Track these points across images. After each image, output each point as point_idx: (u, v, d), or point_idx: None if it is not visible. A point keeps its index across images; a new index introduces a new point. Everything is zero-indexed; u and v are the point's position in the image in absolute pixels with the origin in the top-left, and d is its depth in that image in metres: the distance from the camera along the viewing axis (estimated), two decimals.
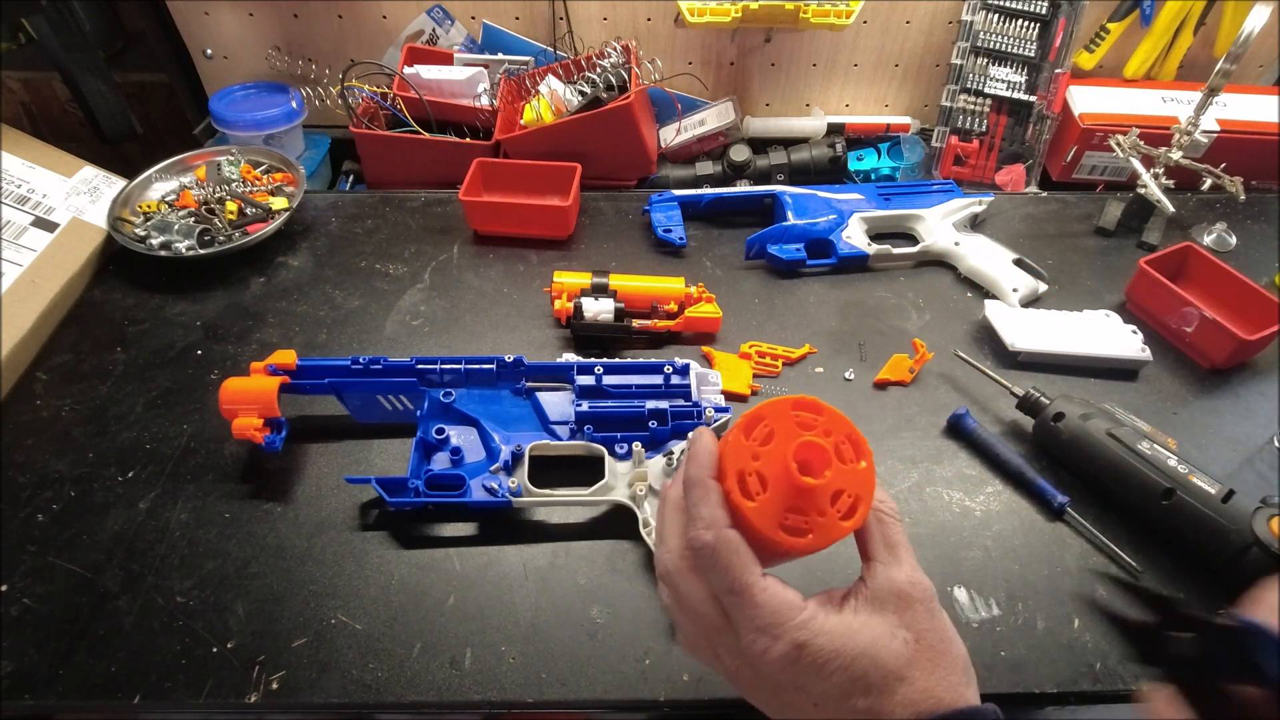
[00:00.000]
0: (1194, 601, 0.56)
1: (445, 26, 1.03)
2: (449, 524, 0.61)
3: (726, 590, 0.34)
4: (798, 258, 0.83)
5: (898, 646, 0.34)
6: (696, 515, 0.36)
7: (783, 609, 0.34)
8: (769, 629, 0.33)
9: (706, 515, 0.35)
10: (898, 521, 0.38)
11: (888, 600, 0.35)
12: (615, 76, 0.93)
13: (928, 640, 0.35)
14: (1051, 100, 0.98)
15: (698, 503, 0.36)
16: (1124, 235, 0.91)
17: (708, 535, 0.35)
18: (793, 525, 0.35)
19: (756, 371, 0.73)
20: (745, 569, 0.34)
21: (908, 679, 0.33)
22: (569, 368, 0.66)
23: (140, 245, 0.80)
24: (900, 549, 0.37)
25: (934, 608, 0.36)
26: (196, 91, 1.07)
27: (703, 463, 0.37)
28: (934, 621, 0.35)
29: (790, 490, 0.35)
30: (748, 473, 0.36)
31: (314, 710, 0.51)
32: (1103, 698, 0.52)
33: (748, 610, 0.34)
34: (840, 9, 0.93)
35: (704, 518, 0.35)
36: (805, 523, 0.35)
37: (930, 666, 0.34)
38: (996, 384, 0.68)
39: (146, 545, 0.58)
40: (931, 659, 0.34)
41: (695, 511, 0.36)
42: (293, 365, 0.64)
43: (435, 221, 0.90)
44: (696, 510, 0.36)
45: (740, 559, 0.34)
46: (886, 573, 0.36)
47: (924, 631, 0.35)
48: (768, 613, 0.34)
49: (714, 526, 0.35)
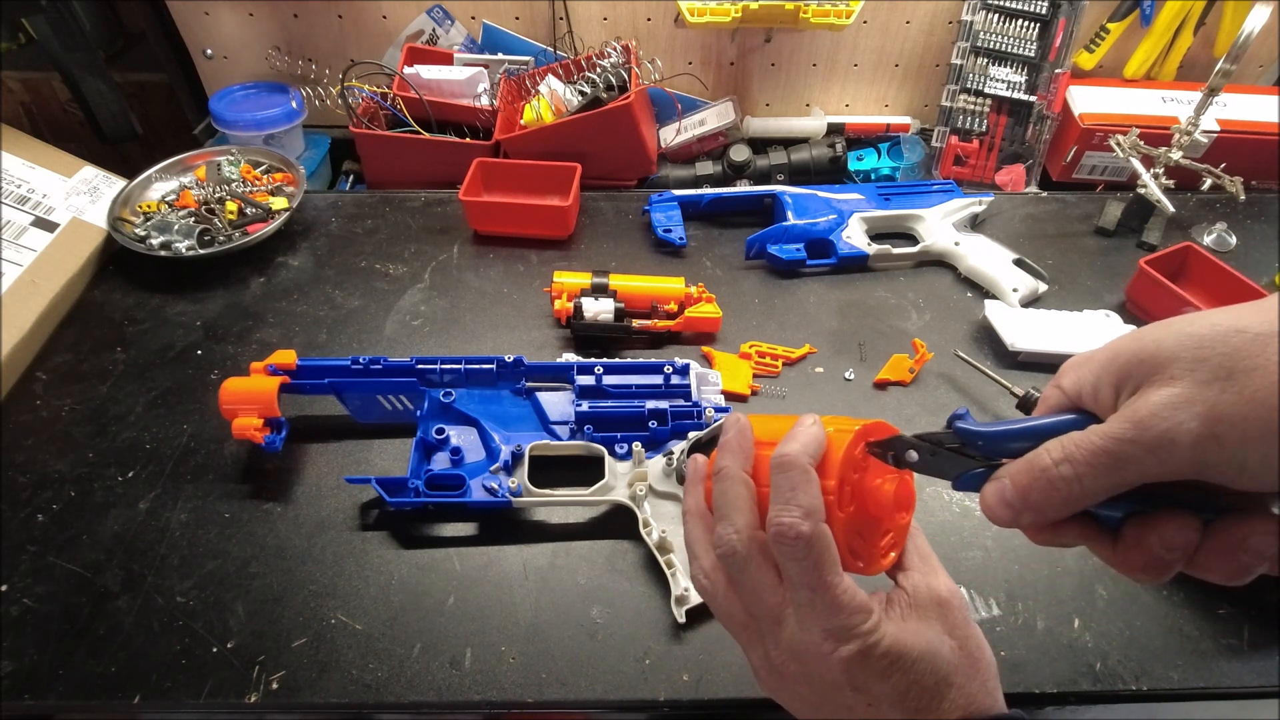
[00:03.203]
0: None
1: (445, 26, 1.03)
2: (449, 524, 0.61)
3: (808, 585, 0.33)
4: (798, 258, 0.83)
5: (946, 652, 0.34)
6: (792, 500, 0.33)
7: (860, 610, 0.33)
8: (841, 631, 0.33)
9: (806, 503, 0.33)
10: (920, 533, 0.39)
11: (930, 608, 0.35)
12: (615, 76, 0.93)
13: (967, 647, 0.35)
14: (1051, 100, 0.98)
15: (796, 487, 0.34)
16: (1124, 235, 0.91)
17: (805, 526, 0.33)
18: (856, 549, 0.35)
19: (756, 371, 0.73)
20: (834, 567, 0.33)
21: (955, 685, 0.34)
22: (569, 368, 0.66)
23: (140, 245, 0.80)
24: (932, 559, 0.38)
25: (969, 617, 0.36)
26: (196, 91, 1.07)
27: (810, 448, 0.35)
28: (970, 629, 0.36)
29: (871, 517, 0.36)
30: (847, 483, 0.35)
31: (314, 710, 0.51)
32: (1103, 698, 0.52)
33: (826, 609, 0.33)
34: (840, 9, 0.92)
35: (803, 505, 0.33)
36: (864, 550, 0.36)
37: (971, 672, 0.35)
38: (996, 384, 0.68)
39: (146, 545, 0.58)
40: (971, 665, 0.35)
41: (791, 496, 0.34)
42: (293, 365, 0.64)
43: (435, 221, 0.90)
44: (793, 495, 0.34)
45: (831, 556, 0.33)
46: (926, 581, 0.36)
47: (964, 638, 0.35)
48: (845, 614, 0.33)
49: (813, 517, 0.33)
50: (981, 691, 0.34)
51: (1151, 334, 0.29)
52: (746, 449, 0.37)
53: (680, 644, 0.54)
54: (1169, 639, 0.54)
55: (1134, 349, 0.29)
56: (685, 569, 0.56)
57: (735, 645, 0.53)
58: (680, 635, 0.54)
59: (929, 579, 0.36)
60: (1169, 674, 0.53)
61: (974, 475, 0.33)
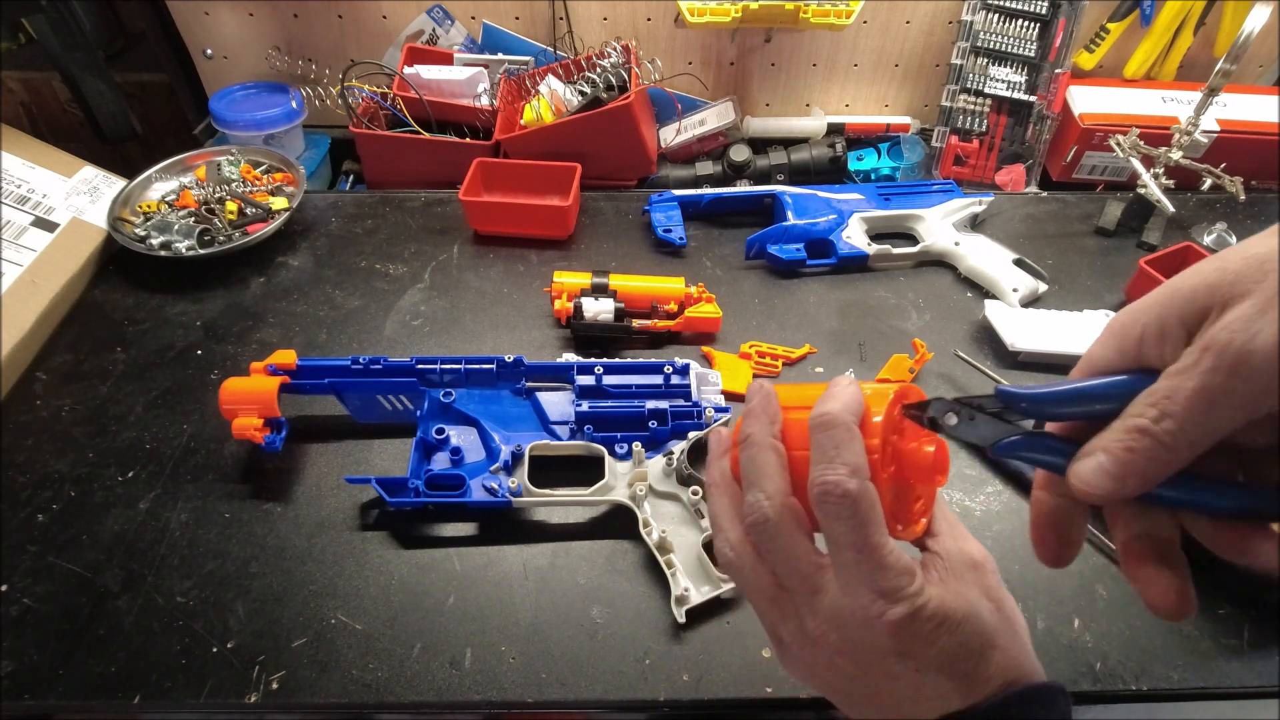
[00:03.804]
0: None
1: (445, 26, 1.03)
2: (449, 524, 0.61)
3: (854, 545, 0.32)
4: (798, 258, 0.83)
5: (987, 614, 0.33)
6: (837, 458, 0.32)
7: (905, 573, 0.32)
8: (890, 592, 0.32)
9: (851, 461, 0.32)
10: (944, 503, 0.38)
11: (965, 571, 0.35)
12: (615, 76, 0.93)
13: (1005, 610, 0.35)
14: (1051, 100, 0.98)
15: (839, 445, 0.33)
16: (1124, 235, 0.91)
17: (852, 484, 0.32)
18: (895, 513, 0.34)
19: (756, 372, 0.73)
20: (880, 527, 0.32)
21: (999, 646, 0.33)
22: (569, 368, 0.66)
23: (140, 245, 0.80)
24: (959, 525, 0.37)
25: (1000, 580, 0.36)
26: (196, 91, 1.07)
27: (850, 406, 0.34)
28: (1003, 593, 0.35)
29: (907, 481, 0.35)
30: (887, 442, 0.34)
31: (314, 710, 0.51)
32: (1103, 698, 0.52)
33: (873, 570, 0.32)
34: (840, 9, 0.93)
35: (849, 463, 0.32)
36: (902, 513, 0.35)
37: (1011, 634, 0.34)
38: (996, 384, 0.68)
39: (146, 545, 0.58)
40: (1010, 628, 0.34)
41: (835, 454, 0.32)
42: (293, 365, 0.64)
43: (435, 221, 0.90)
44: (837, 453, 0.32)
45: (877, 515, 0.32)
46: (959, 545, 0.36)
47: (1000, 600, 0.35)
48: (892, 575, 0.32)
49: (859, 474, 0.32)
50: (1023, 654, 0.34)
51: (1211, 263, 0.28)
52: (773, 414, 0.36)
53: (680, 644, 0.54)
54: (1169, 639, 0.54)
55: (1195, 280, 0.27)
56: (685, 569, 0.56)
57: (735, 645, 0.53)
58: (680, 635, 0.54)
59: (961, 543, 0.36)
60: (1169, 674, 0.53)
61: (1012, 442, 0.32)
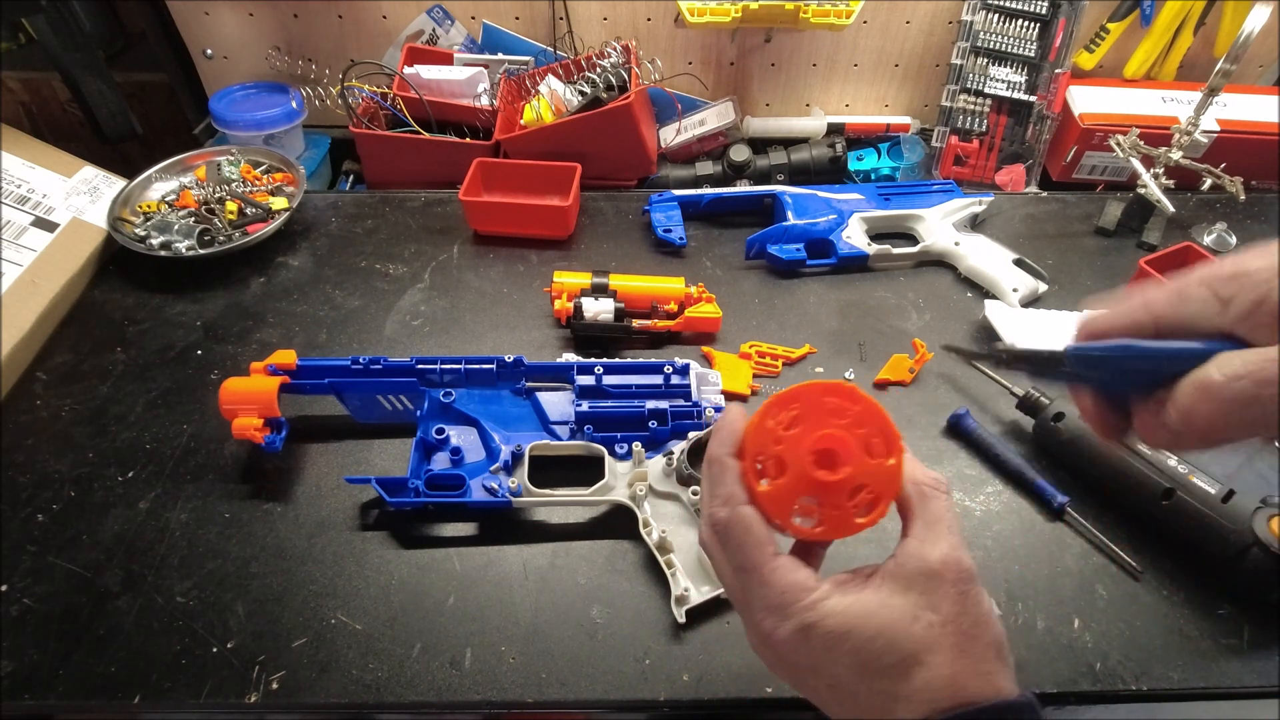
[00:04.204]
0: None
1: (445, 26, 1.03)
2: (449, 524, 0.61)
3: (739, 567, 0.35)
4: (798, 258, 0.83)
5: (919, 630, 0.32)
6: (714, 492, 0.36)
7: (791, 589, 0.33)
8: (776, 609, 0.33)
9: (723, 492, 0.36)
10: (945, 496, 0.36)
11: (915, 579, 0.33)
12: (615, 76, 0.93)
13: (957, 624, 0.32)
14: (1051, 100, 0.98)
15: (715, 479, 0.36)
16: (1124, 235, 0.91)
17: (722, 512, 0.35)
18: (805, 513, 0.35)
19: (756, 371, 0.73)
20: (757, 547, 0.34)
21: (926, 663, 0.32)
22: (569, 368, 0.66)
23: (140, 245, 0.80)
24: (941, 525, 0.35)
25: (968, 590, 0.33)
26: (196, 91, 1.07)
27: (725, 439, 0.37)
28: (965, 605, 0.33)
29: (806, 480, 0.35)
30: (768, 455, 0.35)
31: (314, 710, 0.51)
32: (1103, 698, 0.52)
33: (757, 589, 0.34)
34: (840, 9, 0.92)
35: (720, 495, 0.36)
36: (819, 513, 0.35)
37: (956, 652, 0.32)
38: (997, 384, 0.68)
39: (146, 545, 0.58)
40: (959, 644, 0.32)
41: (712, 489, 0.36)
42: (293, 365, 0.64)
43: (435, 221, 0.90)
44: (713, 487, 0.36)
45: (752, 537, 0.34)
46: (920, 550, 0.34)
47: (954, 615, 0.33)
48: (776, 592, 0.33)
49: (730, 503, 0.35)
50: (969, 672, 0.32)
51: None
52: (731, 432, 0.38)
53: (680, 644, 0.54)
54: (1169, 639, 0.54)
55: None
56: (685, 569, 0.56)
57: (736, 645, 0.54)
58: (680, 635, 0.54)
59: (925, 548, 0.34)
60: (1169, 674, 0.53)
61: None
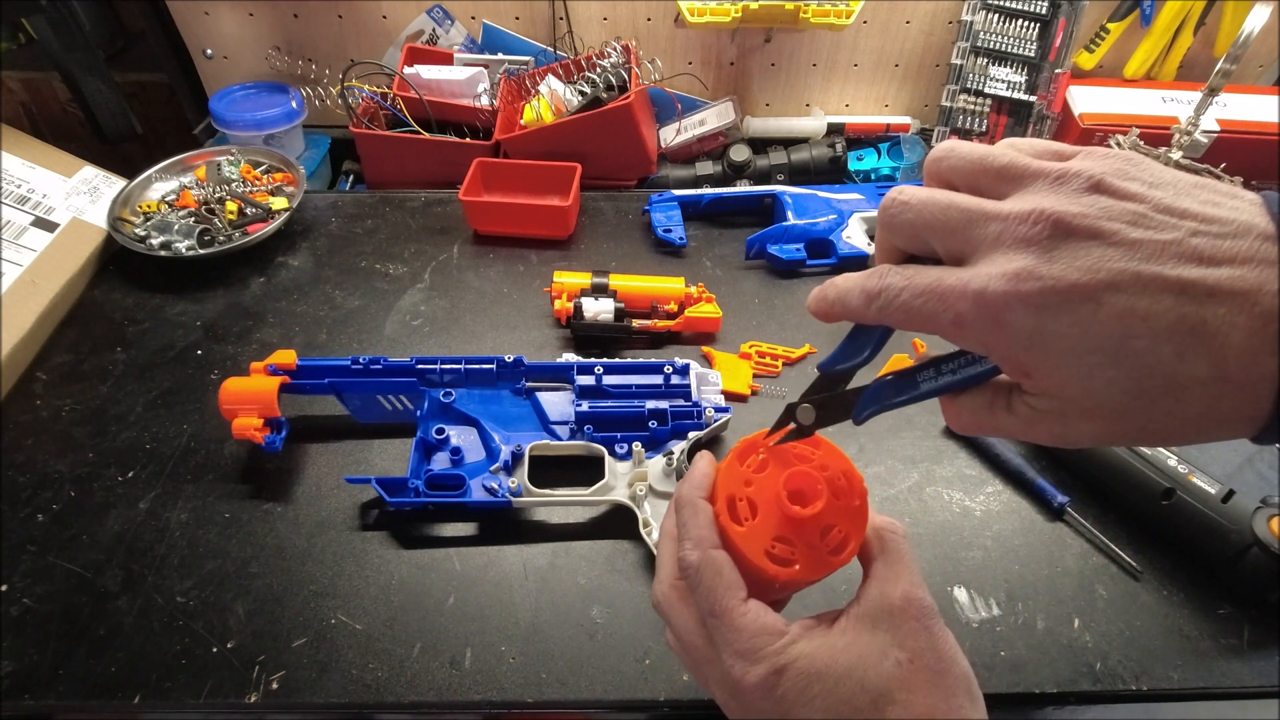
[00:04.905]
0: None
1: (445, 26, 1.03)
2: (449, 524, 0.61)
3: (709, 613, 0.34)
4: (798, 258, 0.83)
5: (888, 667, 0.32)
6: (685, 535, 0.36)
7: (761, 633, 0.33)
8: (747, 653, 0.33)
9: (694, 535, 0.35)
10: (903, 539, 0.37)
11: (880, 618, 0.33)
12: (615, 76, 0.93)
13: (924, 660, 0.32)
14: (1051, 100, 0.98)
15: (686, 522, 0.36)
16: None
17: (693, 555, 0.35)
18: (780, 554, 0.35)
19: (756, 371, 0.73)
20: (728, 591, 0.34)
21: (899, 701, 0.32)
22: (569, 368, 0.66)
23: (140, 245, 0.80)
24: (900, 565, 0.35)
25: (932, 626, 0.33)
26: (196, 91, 1.07)
27: (696, 483, 0.37)
28: (932, 640, 0.33)
29: (779, 519, 0.35)
30: (739, 498, 0.36)
31: (314, 710, 0.51)
32: (1103, 698, 0.52)
33: (727, 634, 0.33)
34: (840, 9, 0.93)
35: (691, 537, 0.35)
36: (793, 553, 0.35)
37: (928, 688, 0.32)
38: None
39: (146, 545, 0.58)
40: (929, 680, 0.32)
41: (684, 531, 0.36)
42: (293, 365, 0.64)
43: (435, 221, 0.90)
44: (685, 530, 0.36)
45: (723, 580, 0.34)
46: (882, 589, 0.34)
47: (921, 651, 0.33)
48: (746, 636, 0.33)
49: (701, 546, 0.35)
50: (943, 709, 0.32)
51: None
52: (702, 476, 0.38)
53: None
54: (1169, 639, 0.54)
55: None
56: None
57: None
58: None
59: (886, 586, 0.34)
60: (1169, 674, 0.53)
61: (865, 401, 0.34)
